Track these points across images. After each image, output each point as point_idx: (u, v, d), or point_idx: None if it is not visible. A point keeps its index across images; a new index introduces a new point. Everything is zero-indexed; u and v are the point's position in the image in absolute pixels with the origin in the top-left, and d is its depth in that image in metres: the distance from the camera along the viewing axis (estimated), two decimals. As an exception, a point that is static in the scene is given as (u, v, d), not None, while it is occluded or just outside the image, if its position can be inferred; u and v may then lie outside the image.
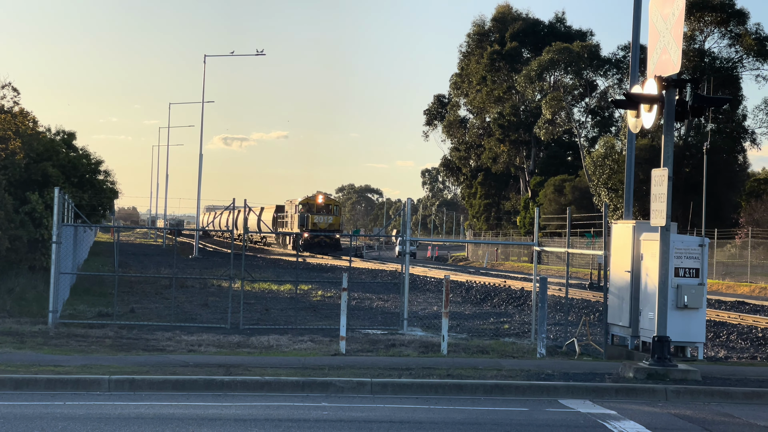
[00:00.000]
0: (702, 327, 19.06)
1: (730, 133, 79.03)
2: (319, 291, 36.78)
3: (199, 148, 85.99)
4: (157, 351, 18.80)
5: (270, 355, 18.41)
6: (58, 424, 11.95)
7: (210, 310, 28.29)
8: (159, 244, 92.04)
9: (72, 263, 28.50)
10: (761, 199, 75.36)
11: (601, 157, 76.27)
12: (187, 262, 56.92)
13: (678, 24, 16.52)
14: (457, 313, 29.98)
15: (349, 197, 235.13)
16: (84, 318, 23.98)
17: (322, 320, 26.04)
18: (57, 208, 22.19)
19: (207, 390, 14.63)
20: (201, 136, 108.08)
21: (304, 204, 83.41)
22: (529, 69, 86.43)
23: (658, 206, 16.61)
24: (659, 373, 16.10)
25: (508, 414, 13.54)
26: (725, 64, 79.11)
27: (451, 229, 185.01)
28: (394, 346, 20.57)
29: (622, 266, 19.86)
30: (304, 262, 60.82)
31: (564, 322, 23.26)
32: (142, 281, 37.53)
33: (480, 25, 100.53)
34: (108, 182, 41.34)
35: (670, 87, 16.52)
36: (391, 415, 13.21)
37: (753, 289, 50.75)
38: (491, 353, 19.79)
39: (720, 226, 67.51)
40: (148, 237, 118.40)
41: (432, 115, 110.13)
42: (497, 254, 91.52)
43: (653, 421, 13.28)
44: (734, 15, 78.35)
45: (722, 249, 64.29)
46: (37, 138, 33.81)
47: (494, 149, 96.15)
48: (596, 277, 45.80)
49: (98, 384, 14.56)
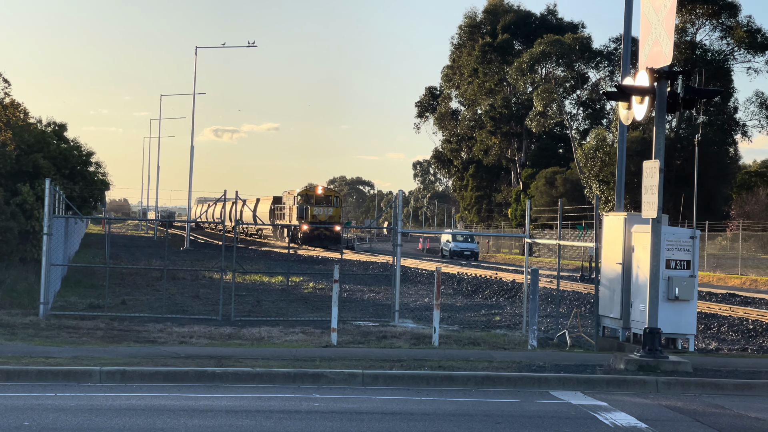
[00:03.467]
0: (693, 319, 19.11)
1: (722, 125, 79.18)
2: (311, 283, 36.76)
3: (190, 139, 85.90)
4: (148, 342, 18.78)
5: (261, 346, 18.40)
6: (49, 415, 11.92)
7: (201, 301, 28.25)
8: (150, 236, 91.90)
9: (63, 255, 28.44)
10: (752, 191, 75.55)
11: (593, 149, 76.36)
12: (179, 254, 56.85)
13: (669, 16, 16.52)
14: (448, 305, 30.00)
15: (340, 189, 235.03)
16: (75, 310, 23.93)
17: (313, 312, 26.04)
18: (48, 200, 22.12)
19: (198, 381, 14.62)
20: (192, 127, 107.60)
21: (303, 195, 79.66)
22: (521, 61, 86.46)
23: (649, 198, 16.63)
24: (650, 364, 16.13)
25: (499, 405, 13.55)
26: (717, 57, 79.25)
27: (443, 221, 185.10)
28: (386, 338, 20.58)
29: (614, 258, 19.89)
30: (295, 254, 60.78)
31: (555, 314, 23.29)
32: (134, 273, 37.47)
33: (472, 17, 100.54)
34: (99, 174, 41.31)
35: (662, 79, 16.52)
36: (382, 407, 13.21)
37: (744, 282, 50.89)
38: (482, 345, 19.81)
39: (711, 218, 67.66)
40: (139, 229, 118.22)
41: (423, 107, 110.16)
42: (488, 246, 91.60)
43: (644, 412, 13.31)
44: (726, 7, 78.49)
45: (713, 241, 64.44)
46: (28, 129, 33.74)
47: (486, 141, 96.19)
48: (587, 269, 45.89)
49: (89, 375, 14.54)
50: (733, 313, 29.36)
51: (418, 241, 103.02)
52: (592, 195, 74.39)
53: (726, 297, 37.30)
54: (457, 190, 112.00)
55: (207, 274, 38.22)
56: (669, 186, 63.16)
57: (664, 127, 16.84)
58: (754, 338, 24.17)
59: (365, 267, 49.73)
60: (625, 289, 19.42)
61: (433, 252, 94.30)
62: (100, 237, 75.38)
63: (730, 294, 38.69)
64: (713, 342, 23.54)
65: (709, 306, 31.44)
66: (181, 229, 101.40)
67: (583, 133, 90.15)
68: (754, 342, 23.54)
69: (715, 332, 25.42)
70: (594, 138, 78.92)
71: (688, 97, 16.82)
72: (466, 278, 42.13)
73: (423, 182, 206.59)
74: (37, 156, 31.97)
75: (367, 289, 34.97)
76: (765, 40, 78.42)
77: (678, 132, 77.72)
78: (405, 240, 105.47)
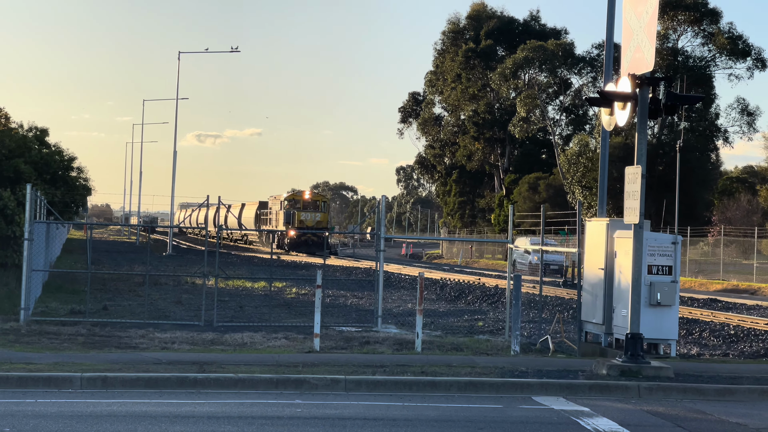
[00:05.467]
0: (675, 324, 19.15)
1: (703, 131, 79.60)
2: (294, 288, 36.69)
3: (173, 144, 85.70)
4: (130, 348, 18.69)
5: (244, 352, 18.35)
6: (30, 421, 11.85)
7: (184, 307, 28.16)
8: (133, 242, 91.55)
9: (44, 260, 28.30)
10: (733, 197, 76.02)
11: (576, 155, 76.62)
12: (161, 260, 56.65)
13: (651, 22, 16.59)
14: (431, 311, 29.99)
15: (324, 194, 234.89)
16: (56, 315, 23.81)
17: (296, 317, 25.98)
18: (29, 205, 22.00)
19: (180, 387, 14.56)
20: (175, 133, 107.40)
21: (290, 200, 77.77)
22: (504, 67, 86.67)
23: (631, 204, 16.68)
24: (632, 370, 16.17)
25: (481, 411, 13.55)
26: (698, 63, 79.68)
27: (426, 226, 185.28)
28: (369, 344, 20.55)
29: (596, 264, 19.93)
30: (278, 260, 60.65)
31: (538, 320, 23.32)
32: (116, 279, 37.30)
33: (455, 22, 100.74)
34: (81, 179, 41.10)
35: (644, 85, 16.58)
36: (365, 412, 13.19)
37: (725, 287, 51.10)
38: (465, 350, 19.81)
39: (693, 224, 67.96)
40: (121, 234, 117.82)
41: (407, 112, 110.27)
42: (472, 252, 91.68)
43: (626, 417, 13.33)
44: (707, 14, 78.93)
45: (695, 247, 64.70)
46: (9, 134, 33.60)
47: (469, 147, 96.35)
48: (570, 274, 46.01)
49: (70, 382, 14.46)
50: (714, 319, 29.47)
51: (401, 247, 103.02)
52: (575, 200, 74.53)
53: (708, 302, 37.44)
54: (440, 195, 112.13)
55: (189, 280, 38.09)
56: (651, 192, 63.41)
57: (646, 133, 16.89)
58: (735, 343, 24.26)
59: (348, 272, 49.69)
60: (608, 295, 19.45)
61: (415, 257, 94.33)
62: (82, 242, 75.07)
63: (712, 299, 38.84)
64: (695, 347, 23.62)
65: (690, 311, 31.55)
66: (164, 235, 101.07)
67: (566, 138, 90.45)
68: (736, 347, 23.63)
69: (696, 337, 25.51)
70: (577, 144, 79.20)
71: (670, 103, 16.89)
72: (449, 284, 42.14)
73: (406, 188, 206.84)
74: (18, 161, 31.83)
75: (350, 295, 34.93)
76: (746, 47, 78.90)
77: (660, 138, 78.06)
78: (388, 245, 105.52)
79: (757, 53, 79.11)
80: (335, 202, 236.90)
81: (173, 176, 76.15)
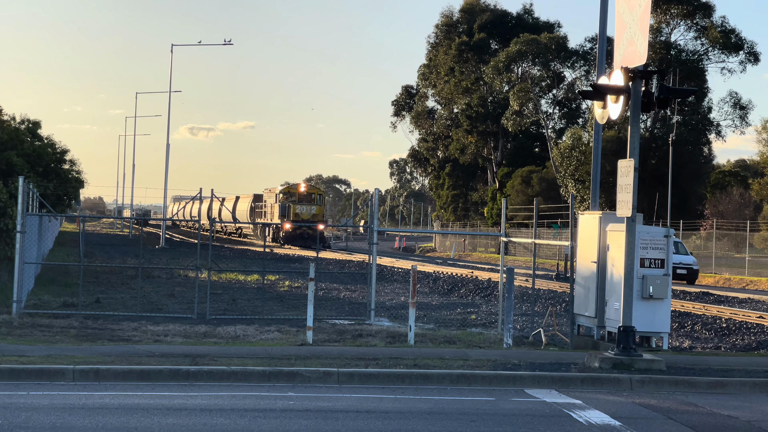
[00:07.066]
0: (667, 317, 19.22)
1: (696, 125, 79.65)
2: (287, 281, 36.69)
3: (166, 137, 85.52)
4: (122, 341, 18.69)
5: (237, 345, 18.35)
6: (22, 414, 11.84)
7: (176, 300, 28.15)
8: (125, 234, 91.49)
9: (37, 253, 28.25)
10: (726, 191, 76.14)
11: (568, 148, 76.63)
12: (154, 253, 56.62)
13: (644, 16, 16.59)
14: (424, 304, 30.03)
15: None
16: (49, 308, 23.80)
17: (289, 310, 25.99)
18: (21, 198, 21.97)
19: (173, 380, 14.56)
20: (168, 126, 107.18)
21: (285, 193, 77.23)
22: (497, 60, 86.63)
23: (624, 197, 16.71)
24: (624, 362, 16.20)
25: (474, 403, 13.57)
26: (691, 57, 79.69)
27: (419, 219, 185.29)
28: (362, 336, 20.57)
29: (589, 257, 19.97)
30: (271, 253, 60.59)
31: (531, 313, 23.36)
32: (108, 271, 37.27)
33: (448, 16, 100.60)
34: (73, 172, 40.96)
35: (637, 78, 16.60)
36: (357, 405, 13.21)
37: (717, 280, 51.24)
38: (458, 343, 19.83)
39: (685, 217, 68.06)
40: (114, 227, 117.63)
41: (400, 106, 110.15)
42: (465, 245, 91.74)
43: (618, 410, 13.36)
44: (700, 8, 78.92)
45: (687, 240, 64.81)
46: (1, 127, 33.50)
47: (462, 140, 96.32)
48: (563, 267, 46.04)
49: (62, 374, 14.45)
50: (706, 312, 29.54)
51: (394, 240, 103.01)
52: (568, 194, 74.66)
53: (700, 296, 37.53)
54: (433, 188, 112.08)
55: (182, 273, 38.07)
56: (644, 185, 63.47)
57: (638, 127, 16.91)
58: (727, 336, 24.33)
59: (341, 265, 49.69)
60: (600, 288, 19.50)
61: (408, 251, 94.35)
62: (75, 235, 74.96)
63: (704, 293, 38.93)
64: (687, 340, 23.68)
65: (683, 304, 31.63)
66: (157, 228, 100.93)
67: (559, 132, 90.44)
68: (727, 340, 23.70)
69: (688, 330, 25.57)
70: (570, 137, 79.20)
71: (663, 96, 16.89)
72: (442, 277, 42.18)
73: (399, 181, 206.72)
74: (10, 153, 31.73)
75: (343, 288, 34.95)
76: (739, 41, 78.91)
77: (653, 131, 78.13)
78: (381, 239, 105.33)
79: (750, 47, 79.16)
80: (328, 195, 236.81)
81: (166, 169, 75.76)
